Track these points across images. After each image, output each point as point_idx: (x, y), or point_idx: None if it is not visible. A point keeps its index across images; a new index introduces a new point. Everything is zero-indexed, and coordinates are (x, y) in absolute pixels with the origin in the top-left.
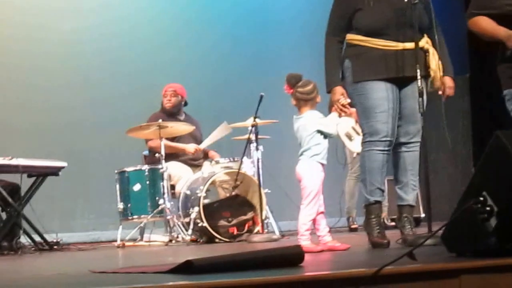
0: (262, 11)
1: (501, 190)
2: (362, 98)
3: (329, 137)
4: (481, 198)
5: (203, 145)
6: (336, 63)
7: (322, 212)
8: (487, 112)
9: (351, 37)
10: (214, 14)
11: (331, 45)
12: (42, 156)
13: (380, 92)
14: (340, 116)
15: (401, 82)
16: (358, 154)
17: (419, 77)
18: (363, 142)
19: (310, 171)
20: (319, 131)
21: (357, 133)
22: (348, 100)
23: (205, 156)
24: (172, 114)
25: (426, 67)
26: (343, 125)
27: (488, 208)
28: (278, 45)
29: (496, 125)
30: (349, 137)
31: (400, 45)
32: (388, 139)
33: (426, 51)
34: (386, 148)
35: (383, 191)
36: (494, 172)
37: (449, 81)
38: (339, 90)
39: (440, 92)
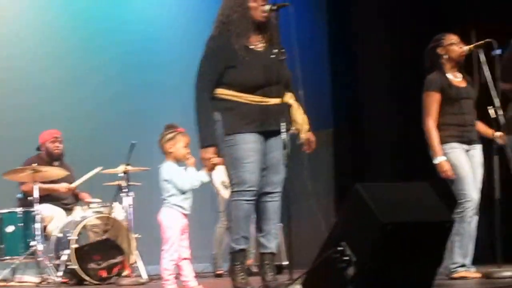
0: (138, 56)
1: (360, 241)
2: (232, 149)
3: (182, 190)
4: (341, 248)
5: (75, 184)
6: (210, 119)
7: (186, 258)
8: (349, 164)
9: (222, 91)
10: (89, 61)
11: (203, 100)
12: None
13: (249, 144)
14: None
15: (267, 134)
16: None
17: (284, 130)
18: (231, 192)
19: (169, 219)
20: (169, 183)
21: None
22: (220, 159)
23: (77, 198)
24: (57, 159)
25: (290, 121)
26: (219, 173)
27: (346, 258)
28: (153, 93)
29: (357, 177)
30: (225, 185)
31: (269, 100)
32: (255, 189)
33: (290, 106)
34: (252, 198)
35: (248, 239)
36: (353, 223)
37: (312, 135)
38: (211, 149)
39: (305, 147)
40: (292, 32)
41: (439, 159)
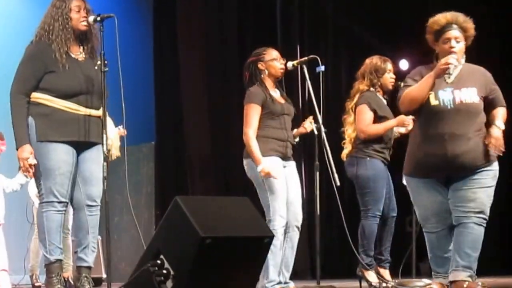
0: None
1: (178, 254)
2: (43, 158)
3: None
4: (159, 261)
5: None
6: (25, 120)
7: (3, 269)
8: (171, 177)
9: (38, 96)
10: None
11: (19, 103)
12: None
13: (61, 155)
14: (29, 176)
15: (82, 146)
16: None
17: (105, 142)
18: (41, 203)
19: None
20: None
21: None
22: (35, 161)
23: None
24: None
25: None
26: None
27: (164, 271)
28: None
29: (179, 191)
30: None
31: (87, 111)
32: (64, 200)
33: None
34: (63, 209)
35: (62, 249)
36: (172, 235)
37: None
38: (28, 148)
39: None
40: (116, 43)
41: (261, 166)
